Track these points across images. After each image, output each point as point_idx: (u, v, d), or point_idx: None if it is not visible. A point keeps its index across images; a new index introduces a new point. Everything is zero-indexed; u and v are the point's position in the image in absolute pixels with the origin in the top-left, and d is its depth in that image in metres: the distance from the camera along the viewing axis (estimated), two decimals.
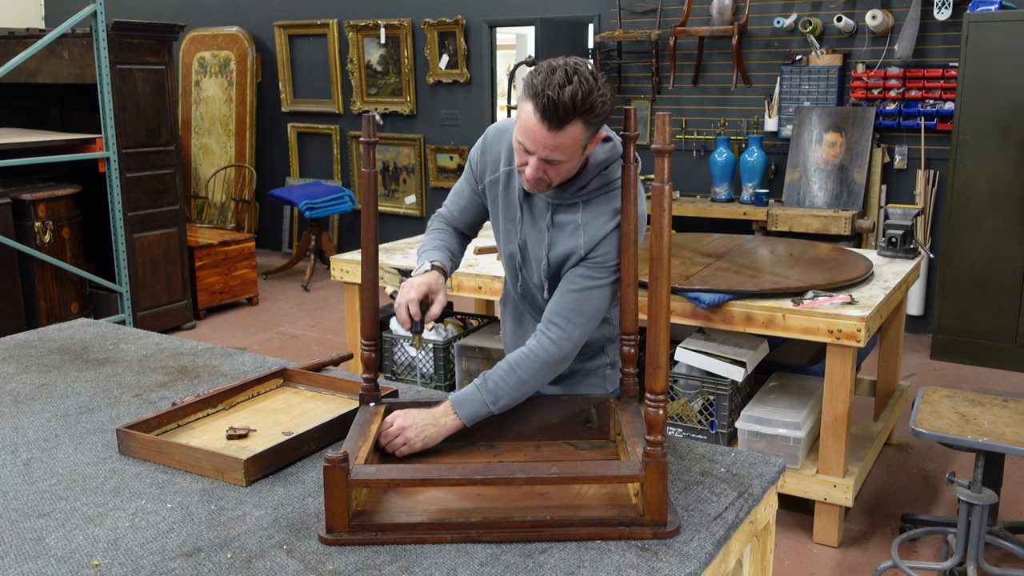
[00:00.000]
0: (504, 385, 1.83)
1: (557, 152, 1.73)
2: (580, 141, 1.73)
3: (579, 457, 1.84)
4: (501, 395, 1.83)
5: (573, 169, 1.81)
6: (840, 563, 3.12)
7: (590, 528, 1.52)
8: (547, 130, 1.69)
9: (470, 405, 1.82)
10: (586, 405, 1.90)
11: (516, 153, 1.80)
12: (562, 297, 1.88)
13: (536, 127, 1.70)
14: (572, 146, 1.73)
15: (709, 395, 3.29)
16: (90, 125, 5.67)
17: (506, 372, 1.84)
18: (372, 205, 1.84)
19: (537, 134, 1.71)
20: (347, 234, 8.05)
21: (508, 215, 2.00)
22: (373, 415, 1.83)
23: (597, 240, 1.85)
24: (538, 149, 1.73)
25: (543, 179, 1.79)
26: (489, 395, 1.82)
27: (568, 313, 1.86)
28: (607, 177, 1.87)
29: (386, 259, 3.89)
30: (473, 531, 1.51)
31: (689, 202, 5.95)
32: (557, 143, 1.71)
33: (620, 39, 6.19)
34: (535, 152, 1.74)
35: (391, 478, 1.55)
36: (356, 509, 1.57)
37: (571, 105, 1.66)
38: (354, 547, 1.49)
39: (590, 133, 1.74)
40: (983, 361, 5.14)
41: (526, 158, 1.77)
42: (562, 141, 1.71)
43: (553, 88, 1.66)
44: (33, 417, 2.07)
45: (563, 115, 1.67)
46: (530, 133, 1.72)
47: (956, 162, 5.06)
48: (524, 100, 1.73)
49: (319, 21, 7.72)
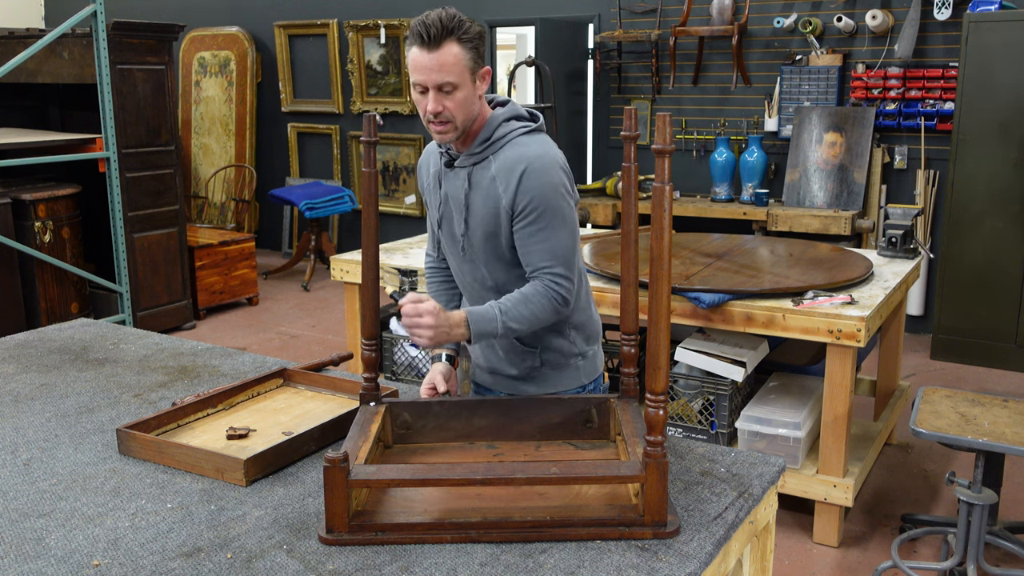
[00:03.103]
0: (514, 312, 1.92)
1: (443, 72, 1.85)
2: (462, 61, 1.86)
3: (579, 457, 1.83)
4: (510, 320, 1.91)
5: (468, 101, 1.90)
6: (840, 563, 3.12)
7: (590, 528, 1.52)
8: (428, 52, 1.84)
9: (482, 324, 1.90)
10: (587, 405, 1.90)
11: (418, 106, 1.91)
12: (528, 250, 1.96)
13: (420, 56, 1.85)
14: (456, 65, 1.85)
15: (709, 395, 3.29)
16: (90, 125, 5.67)
17: (518, 301, 1.93)
18: (373, 205, 1.85)
19: (422, 61, 1.85)
20: (347, 234, 8.05)
21: (434, 205, 2.11)
22: (373, 415, 1.83)
23: (513, 190, 1.93)
24: (426, 75, 1.85)
25: (444, 114, 1.88)
26: (501, 316, 1.91)
27: (543, 259, 1.95)
28: (508, 127, 1.99)
29: (386, 259, 3.89)
30: (473, 531, 1.51)
31: (689, 202, 5.95)
32: (440, 62, 1.84)
33: (620, 39, 6.19)
34: (426, 82, 1.86)
35: (391, 478, 1.55)
36: (356, 509, 1.57)
37: (440, 24, 1.83)
38: (354, 547, 1.49)
39: (469, 56, 1.87)
40: (983, 361, 5.13)
41: (424, 99, 1.89)
42: (444, 59, 1.84)
43: (422, 17, 1.86)
44: (33, 417, 2.07)
45: (436, 33, 1.83)
46: (417, 65, 1.86)
47: (956, 162, 5.06)
48: (408, 48, 1.89)
49: (319, 21, 7.72)
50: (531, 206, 1.92)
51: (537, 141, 1.98)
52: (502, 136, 1.98)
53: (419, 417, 1.88)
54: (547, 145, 1.99)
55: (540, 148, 1.97)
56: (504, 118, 1.99)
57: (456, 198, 2.02)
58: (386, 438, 1.87)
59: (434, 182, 2.09)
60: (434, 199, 2.10)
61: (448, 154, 2.03)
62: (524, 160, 1.93)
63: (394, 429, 1.88)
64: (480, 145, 1.97)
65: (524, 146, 1.97)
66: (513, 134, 1.98)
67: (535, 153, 1.95)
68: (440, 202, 2.07)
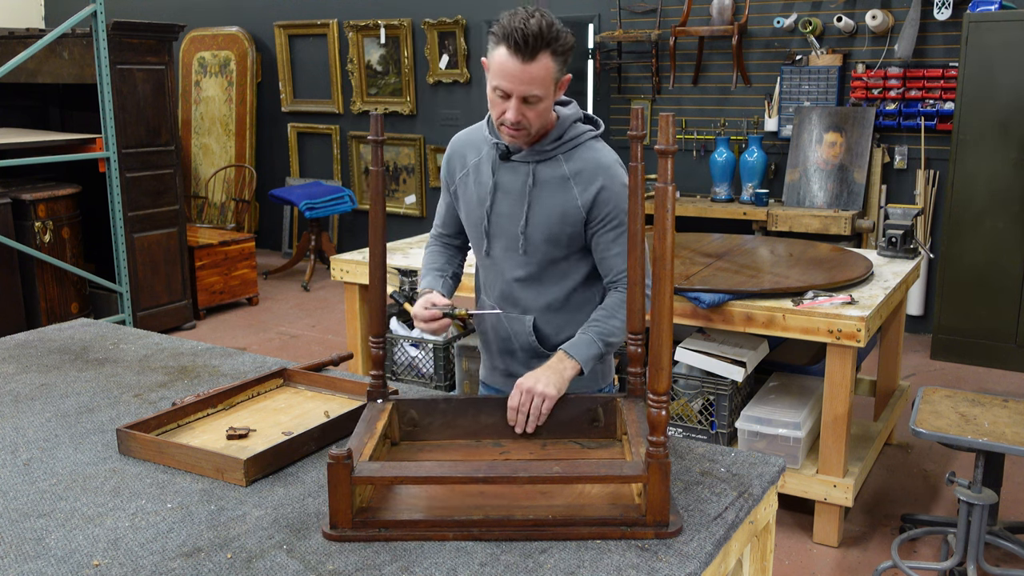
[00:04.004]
0: (606, 326, 1.96)
1: (533, 86, 1.82)
2: (551, 74, 1.84)
3: (585, 456, 1.84)
4: (605, 334, 1.95)
5: (547, 110, 1.90)
6: (840, 563, 3.12)
7: (592, 528, 1.52)
8: (521, 63, 1.80)
9: (583, 350, 1.93)
10: (593, 404, 1.91)
11: (494, 106, 1.89)
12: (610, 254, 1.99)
13: (510, 63, 1.81)
14: (545, 78, 1.83)
15: (709, 395, 3.29)
16: (90, 125, 5.67)
17: (605, 316, 1.97)
18: (380, 203, 1.83)
19: (512, 70, 1.81)
20: (347, 234, 8.05)
21: (479, 195, 2.08)
22: (380, 412, 1.83)
23: (592, 197, 1.95)
24: (515, 86, 1.82)
25: (522, 123, 1.88)
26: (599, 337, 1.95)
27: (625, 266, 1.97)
28: (578, 129, 2.00)
29: (387, 259, 3.89)
30: (475, 529, 1.51)
31: (689, 202, 5.95)
32: (532, 75, 1.81)
33: (620, 39, 6.19)
34: (512, 91, 1.83)
35: (394, 475, 1.56)
36: (360, 505, 1.57)
37: (539, 34, 1.79)
38: (354, 547, 1.49)
39: (558, 67, 1.85)
40: (983, 361, 5.13)
41: (504, 105, 1.86)
42: (536, 73, 1.81)
43: (518, 23, 1.79)
44: (33, 417, 2.07)
45: (534, 45, 1.79)
46: (506, 73, 1.82)
47: (956, 162, 5.06)
48: (494, 48, 1.84)
49: (319, 21, 7.72)
50: (612, 214, 1.96)
51: (607, 149, 2.02)
52: (573, 137, 1.99)
53: (426, 414, 1.89)
54: (615, 153, 2.03)
55: (613, 156, 2.01)
56: (575, 119, 2.01)
57: (515, 192, 2.01)
58: (393, 435, 1.87)
59: (475, 172, 2.07)
60: (478, 190, 2.07)
61: (503, 147, 2.01)
62: (604, 167, 1.96)
63: (401, 426, 1.88)
64: (551, 143, 1.98)
65: (598, 151, 1.99)
66: (584, 136, 2.00)
67: (612, 160, 1.99)
68: (489, 193, 2.05)
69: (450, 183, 2.16)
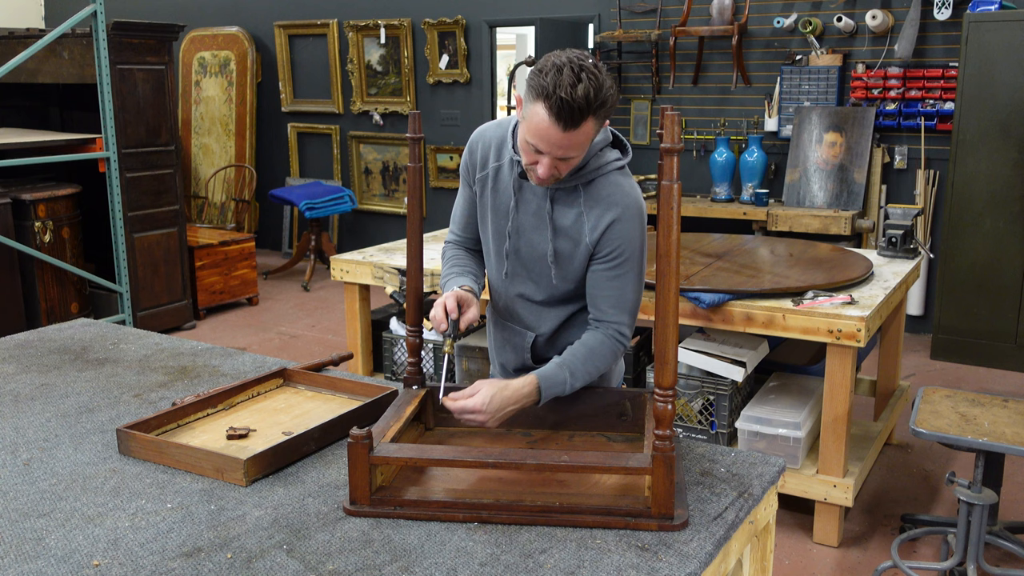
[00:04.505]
0: (582, 370, 1.88)
1: (571, 150, 1.75)
2: (592, 136, 1.76)
3: (610, 448, 1.88)
4: (578, 380, 1.88)
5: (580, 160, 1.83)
6: (840, 563, 3.12)
7: (596, 516, 1.56)
8: (562, 131, 1.70)
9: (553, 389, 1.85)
10: (621, 398, 1.95)
11: (524, 152, 1.80)
12: (600, 299, 1.93)
13: (550, 129, 1.70)
14: (585, 142, 1.75)
15: (709, 395, 3.29)
16: (90, 125, 5.67)
17: (585, 358, 1.89)
18: (417, 198, 1.91)
19: (552, 136, 1.71)
20: (347, 234, 8.05)
21: (498, 207, 2.00)
22: (413, 397, 1.89)
23: (601, 231, 1.88)
24: (552, 150, 1.74)
25: (553, 175, 1.81)
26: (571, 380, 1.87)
27: (612, 311, 1.92)
28: (601, 159, 1.89)
29: (386, 259, 3.89)
30: (484, 512, 1.57)
31: (689, 202, 5.95)
32: (572, 142, 1.73)
33: (620, 39, 6.19)
34: (548, 152, 1.75)
35: (409, 456, 1.61)
36: (380, 484, 1.65)
37: (585, 104, 1.67)
38: (354, 547, 1.50)
39: (599, 125, 1.76)
40: (983, 361, 5.13)
41: (537, 158, 1.78)
42: (576, 139, 1.73)
43: (565, 89, 1.66)
44: (33, 417, 2.07)
45: (578, 115, 1.68)
46: (544, 135, 1.71)
47: (956, 162, 5.06)
48: (532, 101, 1.71)
49: (319, 21, 7.72)
50: (615, 252, 1.88)
51: (629, 182, 1.92)
52: (596, 168, 1.88)
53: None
54: (636, 188, 1.92)
55: (633, 193, 1.90)
56: (602, 145, 1.90)
57: (537, 215, 1.93)
58: (427, 421, 1.95)
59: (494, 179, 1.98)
60: (496, 200, 1.99)
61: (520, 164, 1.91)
62: (618, 206, 1.87)
63: (435, 412, 1.95)
64: (570, 178, 1.88)
65: (618, 187, 1.89)
66: (607, 167, 1.89)
67: (630, 199, 1.88)
68: (512, 209, 1.96)
69: (472, 174, 2.04)
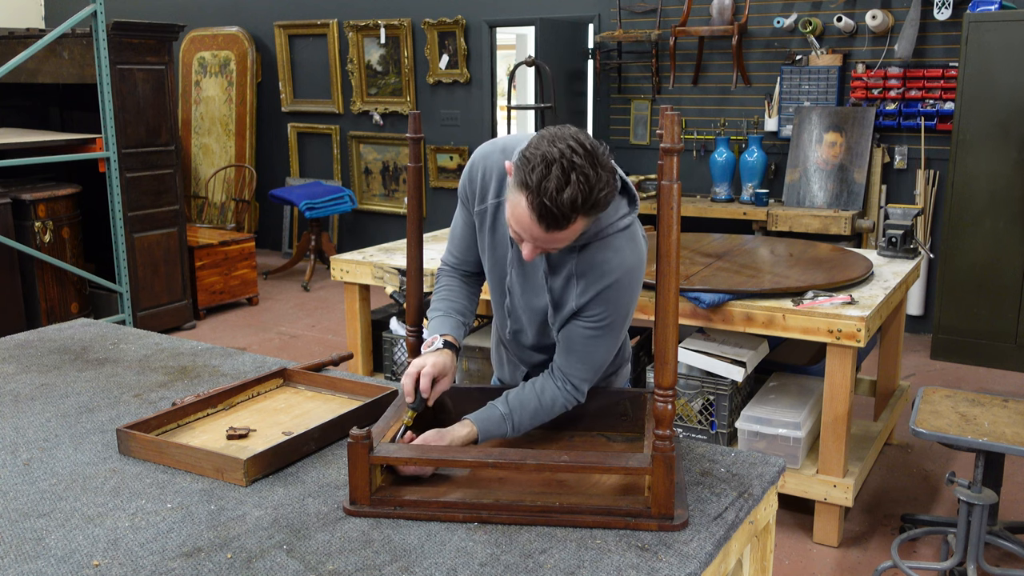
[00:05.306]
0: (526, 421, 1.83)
1: (557, 243, 1.62)
2: (581, 229, 1.61)
3: (610, 448, 1.88)
4: (519, 428, 1.83)
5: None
6: (840, 563, 3.12)
7: (596, 517, 1.56)
8: (545, 231, 1.57)
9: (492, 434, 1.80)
10: (621, 398, 1.95)
11: (509, 227, 1.66)
12: (569, 352, 1.82)
13: (532, 226, 1.57)
14: (573, 236, 1.61)
15: (709, 395, 3.29)
16: (90, 125, 5.67)
17: (536, 411, 1.82)
18: (417, 198, 1.93)
19: (534, 232, 1.59)
20: (347, 234, 8.05)
21: (495, 253, 1.89)
22: None
23: (589, 298, 1.75)
24: (536, 242, 1.62)
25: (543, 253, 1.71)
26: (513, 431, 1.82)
27: (578, 367, 1.82)
28: (602, 222, 1.71)
29: (386, 259, 3.89)
30: (484, 512, 1.57)
31: (689, 202, 5.95)
32: (557, 238, 1.60)
33: (620, 39, 6.19)
34: (532, 243, 1.63)
35: (409, 456, 1.62)
36: (380, 484, 1.65)
37: (570, 210, 1.53)
38: (354, 547, 1.50)
39: (591, 219, 1.62)
40: (983, 361, 5.13)
41: (522, 238, 1.65)
42: (562, 236, 1.59)
43: (549, 194, 1.51)
44: (33, 417, 2.07)
45: (563, 220, 1.54)
46: (526, 228, 1.59)
47: (956, 162, 5.06)
48: (516, 190, 1.57)
49: (319, 21, 7.72)
50: (599, 317, 1.76)
51: (631, 245, 1.74)
52: (594, 233, 1.71)
53: (459, 403, 1.93)
54: (639, 248, 1.76)
55: (633, 257, 1.74)
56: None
57: (532, 273, 1.82)
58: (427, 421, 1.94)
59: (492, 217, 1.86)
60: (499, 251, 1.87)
61: None
62: (613, 273, 1.72)
63: (435, 412, 1.95)
64: None
65: (616, 252, 1.72)
66: (608, 230, 1.72)
67: (627, 266, 1.72)
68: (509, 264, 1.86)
69: (471, 201, 1.89)
